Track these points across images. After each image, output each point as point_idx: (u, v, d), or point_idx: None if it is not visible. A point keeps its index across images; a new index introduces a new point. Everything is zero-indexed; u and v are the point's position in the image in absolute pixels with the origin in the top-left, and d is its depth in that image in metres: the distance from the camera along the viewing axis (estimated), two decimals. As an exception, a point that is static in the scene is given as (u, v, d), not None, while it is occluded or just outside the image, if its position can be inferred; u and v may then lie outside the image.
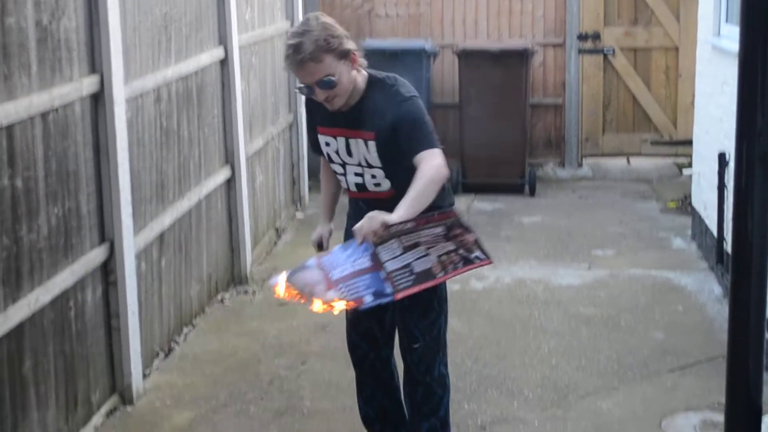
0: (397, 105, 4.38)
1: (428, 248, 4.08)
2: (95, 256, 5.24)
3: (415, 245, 4.08)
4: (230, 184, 7.58)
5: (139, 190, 5.78)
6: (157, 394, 5.69)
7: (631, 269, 8.00)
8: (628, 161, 11.71)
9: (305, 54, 4.24)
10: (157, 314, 6.14)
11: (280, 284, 4.09)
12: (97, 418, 5.25)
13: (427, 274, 4.05)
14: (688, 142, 9.81)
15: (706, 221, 8.11)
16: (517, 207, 10.05)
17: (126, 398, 5.53)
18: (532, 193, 10.51)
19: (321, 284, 3.97)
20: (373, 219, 4.09)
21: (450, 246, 4.10)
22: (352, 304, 3.95)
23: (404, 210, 4.13)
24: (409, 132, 4.35)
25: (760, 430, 4.54)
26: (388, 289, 3.98)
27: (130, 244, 5.51)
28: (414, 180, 4.22)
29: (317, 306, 3.98)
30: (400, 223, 4.07)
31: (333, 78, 4.29)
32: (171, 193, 6.38)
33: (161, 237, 6.20)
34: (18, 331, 4.48)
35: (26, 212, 4.56)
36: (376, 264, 4.03)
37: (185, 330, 6.61)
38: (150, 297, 6.02)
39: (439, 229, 4.10)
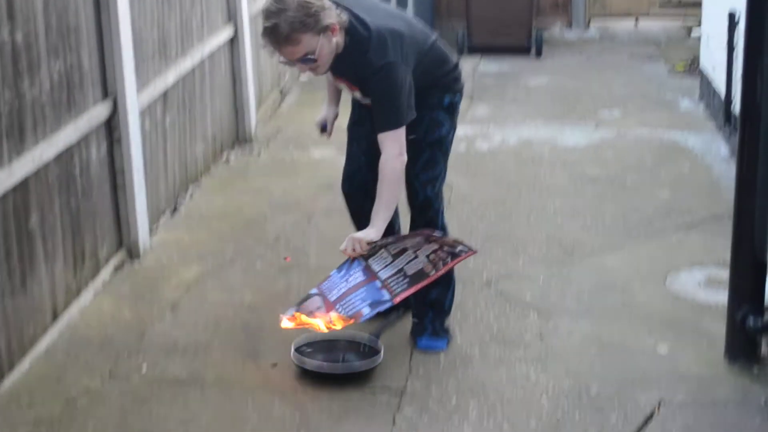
0: (368, 77, 4.34)
1: (415, 251, 4.39)
2: (99, 112, 5.19)
3: (403, 250, 4.39)
4: (233, 44, 7.50)
5: (141, 47, 5.71)
6: (164, 250, 5.72)
7: (638, 130, 7.96)
8: (636, 23, 11.57)
9: (281, 37, 4.18)
10: (162, 172, 6.13)
11: (285, 319, 4.33)
12: (104, 273, 5.28)
13: (421, 275, 4.33)
14: (697, 4, 9.66)
15: (714, 82, 8.04)
16: (523, 68, 9.97)
17: (133, 254, 5.55)
18: (539, 54, 10.40)
19: (322, 308, 4.27)
20: (355, 240, 4.35)
21: (434, 246, 4.40)
22: (351, 320, 4.24)
23: (380, 221, 4.35)
24: (374, 106, 4.40)
25: (764, 286, 4.58)
26: (386, 296, 4.27)
27: (134, 100, 5.46)
28: (378, 185, 4.36)
29: (323, 326, 4.28)
30: (382, 239, 4.35)
31: (313, 56, 4.25)
32: (173, 51, 6.31)
33: (165, 95, 6.15)
34: (23, 185, 4.46)
35: (27, 66, 4.50)
36: (371, 276, 4.33)
37: (191, 188, 6.61)
38: (155, 155, 6.00)
39: (418, 238, 4.42)
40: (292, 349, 4.48)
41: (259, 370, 4.47)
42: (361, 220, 4.78)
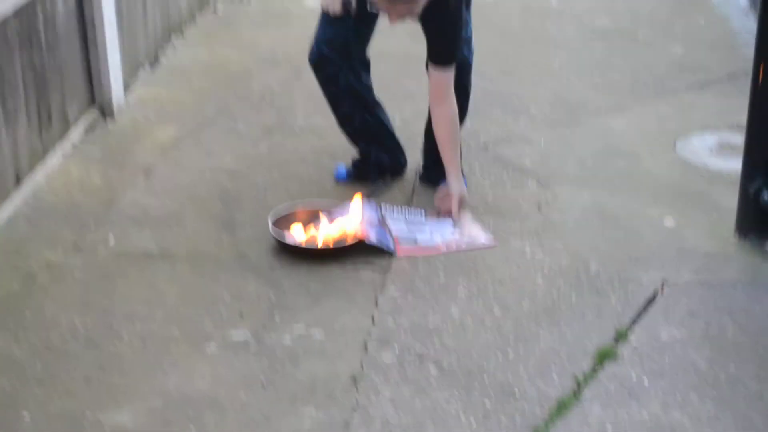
0: (437, 13, 4.09)
1: (433, 233, 4.22)
2: (64, -43, 4.78)
3: (420, 227, 4.26)
4: None
5: None
6: (141, 109, 5.35)
7: (652, -21, 7.50)
8: None
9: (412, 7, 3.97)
10: (140, 23, 5.72)
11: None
12: (74, 134, 4.94)
13: (430, 247, 4.15)
14: None
15: (736, -73, 7.52)
16: None
17: (106, 112, 5.19)
18: None
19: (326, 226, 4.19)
20: (461, 200, 4.30)
21: (456, 235, 4.22)
22: (358, 234, 4.10)
23: (457, 168, 4.32)
24: (435, 40, 4.21)
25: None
26: (392, 245, 4.10)
27: (105, -57, 5.03)
28: (441, 137, 4.31)
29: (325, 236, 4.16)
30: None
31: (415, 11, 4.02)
32: None
33: (142, -64, 5.71)
34: (-22, 41, 4.10)
35: None
36: (384, 225, 4.20)
37: (174, 40, 6.21)
38: (132, 4, 5.58)
39: (446, 223, 4.28)
40: (270, 222, 4.17)
41: (234, 245, 4.16)
42: (331, 89, 4.42)
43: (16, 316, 3.67)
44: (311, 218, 4.24)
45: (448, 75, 4.21)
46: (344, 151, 4.78)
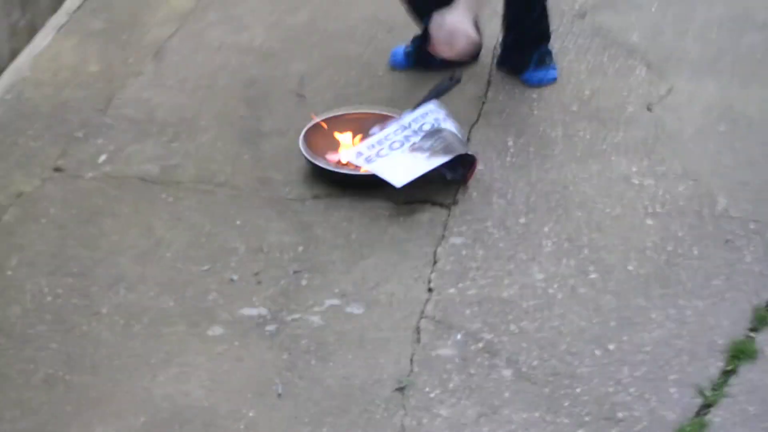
0: None
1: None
2: None
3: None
4: None
5: None
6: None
7: None
8: None
9: None
10: None
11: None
12: (69, 3, 4.01)
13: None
14: None
15: None
16: None
17: (113, -30, 4.24)
18: None
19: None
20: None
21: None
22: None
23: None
24: None
25: None
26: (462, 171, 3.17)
27: None
28: None
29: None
30: None
31: None
32: None
33: None
34: None
35: None
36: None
37: None
38: None
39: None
40: (302, 134, 3.26)
41: (257, 165, 3.26)
42: None
43: (-31, 280, 2.86)
44: (358, 129, 3.31)
45: None
46: (405, 26, 3.78)
